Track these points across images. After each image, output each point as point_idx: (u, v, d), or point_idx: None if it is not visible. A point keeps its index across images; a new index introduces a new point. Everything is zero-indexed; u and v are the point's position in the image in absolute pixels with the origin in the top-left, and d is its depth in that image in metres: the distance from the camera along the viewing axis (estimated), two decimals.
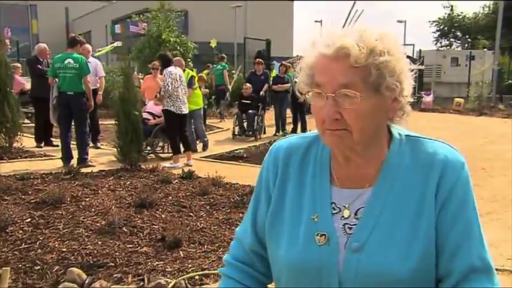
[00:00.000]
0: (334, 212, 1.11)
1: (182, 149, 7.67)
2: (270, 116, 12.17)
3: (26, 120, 10.65)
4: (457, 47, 41.72)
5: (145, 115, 8.06)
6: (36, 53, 8.89)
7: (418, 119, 16.39)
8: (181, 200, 5.09)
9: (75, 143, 7.20)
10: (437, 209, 1.06)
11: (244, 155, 8.26)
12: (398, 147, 1.11)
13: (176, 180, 5.94)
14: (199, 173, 6.25)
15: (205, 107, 10.24)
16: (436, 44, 44.05)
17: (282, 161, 1.19)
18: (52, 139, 8.88)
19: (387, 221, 1.06)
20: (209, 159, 8.08)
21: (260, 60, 12.18)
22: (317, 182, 1.15)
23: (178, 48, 14.56)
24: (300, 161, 1.18)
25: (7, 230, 4.05)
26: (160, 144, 8.50)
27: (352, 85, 0.99)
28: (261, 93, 11.17)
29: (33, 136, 8.70)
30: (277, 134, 11.10)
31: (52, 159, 7.49)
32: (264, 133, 11.19)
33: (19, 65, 11.81)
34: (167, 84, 7.27)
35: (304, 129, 11.02)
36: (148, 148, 8.13)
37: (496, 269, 3.41)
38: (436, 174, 1.07)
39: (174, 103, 7.41)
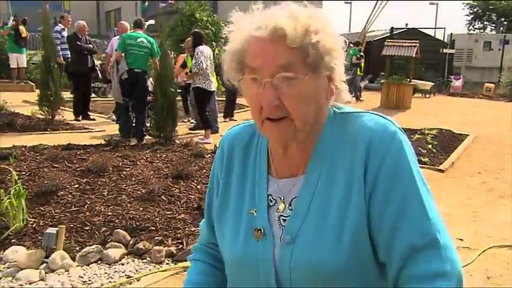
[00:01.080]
0: (270, 204, 1.07)
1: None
2: None
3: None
4: (491, 31, 40.68)
5: None
6: (76, 30, 9.27)
7: (446, 103, 16.34)
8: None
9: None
10: (368, 190, 0.97)
11: None
12: (331, 128, 1.04)
13: (209, 155, 6.23)
14: None
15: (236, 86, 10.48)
16: (468, 27, 43.00)
17: (226, 152, 1.16)
18: (89, 113, 9.30)
19: (317, 210, 1.00)
20: None
21: None
22: (256, 173, 1.11)
23: (210, 27, 14.79)
24: (243, 151, 1.14)
25: (58, 194, 4.42)
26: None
27: (291, 67, 0.94)
28: None
29: (72, 110, 9.13)
30: None
31: (90, 131, 7.91)
32: None
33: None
34: (201, 61, 7.58)
35: None
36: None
37: (510, 246, 3.58)
38: (363, 151, 0.98)
39: (205, 81, 7.75)
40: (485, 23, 43.39)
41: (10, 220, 3.88)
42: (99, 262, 3.61)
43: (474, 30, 40.95)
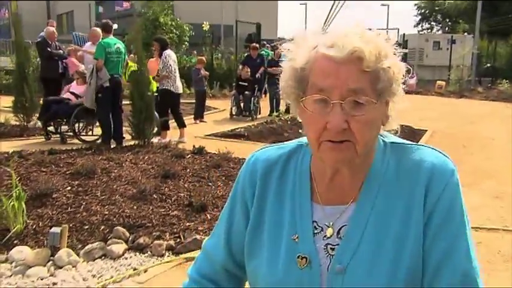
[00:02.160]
0: (315, 231, 1.04)
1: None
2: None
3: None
4: (437, 31, 42.64)
5: (67, 95, 8.20)
6: (45, 36, 9.28)
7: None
8: (199, 172, 5.67)
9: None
10: (424, 222, 0.98)
11: (245, 133, 8.85)
12: (382, 157, 1.03)
13: (189, 155, 6.49)
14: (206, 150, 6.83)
15: (206, 88, 10.75)
16: (417, 27, 44.91)
17: (260, 175, 1.11)
18: None
19: (371, 240, 0.99)
20: (212, 137, 8.65)
21: (255, 45, 12.75)
22: (297, 198, 1.07)
23: (175, 31, 14.97)
24: (279, 175, 1.11)
25: (53, 196, 4.58)
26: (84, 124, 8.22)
27: (361, 91, 0.92)
28: (257, 75, 11.73)
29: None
30: (271, 114, 11.72)
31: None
32: (260, 113, 11.80)
33: (73, 46, 11.91)
34: (170, 65, 7.92)
35: None
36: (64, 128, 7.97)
37: (476, 228, 4.13)
38: (422, 184, 0.98)
39: (173, 83, 8.08)
40: (432, 23, 45.45)
41: (11, 222, 4.03)
42: (103, 258, 3.82)
43: (422, 31, 42.82)
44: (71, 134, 7.86)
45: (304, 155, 1.10)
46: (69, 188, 4.83)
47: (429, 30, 43.52)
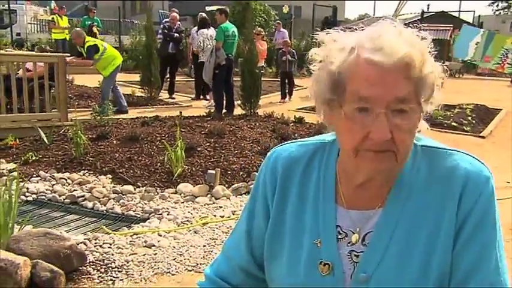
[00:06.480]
0: (339, 237, 1.01)
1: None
2: None
3: None
4: None
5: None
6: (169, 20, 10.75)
7: (476, 83, 17.46)
8: (306, 136, 6.79)
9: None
10: (455, 231, 0.94)
11: None
12: (413, 161, 0.99)
13: (292, 124, 7.65)
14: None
15: (287, 69, 11.74)
16: (491, 5, 43.36)
17: (281, 173, 1.08)
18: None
19: (398, 248, 0.95)
20: (303, 111, 9.74)
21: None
22: (320, 201, 1.04)
23: (262, 14, 16.10)
24: (302, 175, 1.07)
25: (198, 149, 5.86)
26: None
27: (408, 100, 0.87)
28: None
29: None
30: None
31: (181, 106, 9.38)
32: None
33: None
34: (200, 42, 9.29)
35: None
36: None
37: None
38: (456, 193, 0.94)
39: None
40: (510, 1, 43.64)
41: (173, 166, 5.33)
42: (247, 194, 5.04)
43: (498, 11, 41.34)
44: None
45: (329, 154, 1.06)
46: (208, 144, 6.08)
47: (506, 10, 41.97)
